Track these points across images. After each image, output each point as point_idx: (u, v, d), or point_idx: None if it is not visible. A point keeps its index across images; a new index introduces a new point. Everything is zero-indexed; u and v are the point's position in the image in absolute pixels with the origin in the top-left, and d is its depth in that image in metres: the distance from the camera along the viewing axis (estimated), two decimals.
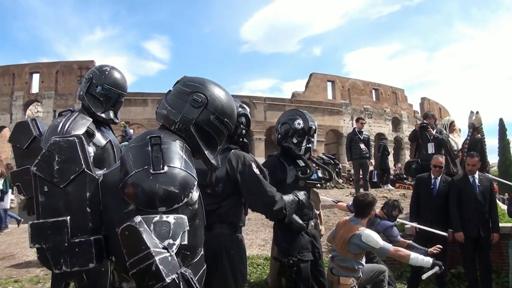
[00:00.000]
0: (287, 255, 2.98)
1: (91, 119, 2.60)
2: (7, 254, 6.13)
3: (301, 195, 2.75)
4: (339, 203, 4.97)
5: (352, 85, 29.70)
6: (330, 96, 28.91)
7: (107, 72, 2.73)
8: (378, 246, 3.43)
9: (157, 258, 1.09)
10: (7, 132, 27.16)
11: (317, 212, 3.87)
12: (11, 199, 9.28)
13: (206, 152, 1.47)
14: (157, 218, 1.17)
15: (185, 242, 1.20)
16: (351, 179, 16.28)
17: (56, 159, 1.26)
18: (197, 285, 1.17)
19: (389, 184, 11.40)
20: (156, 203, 1.19)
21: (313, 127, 3.18)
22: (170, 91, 1.57)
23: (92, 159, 1.54)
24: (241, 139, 2.65)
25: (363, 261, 3.64)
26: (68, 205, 1.25)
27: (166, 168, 1.23)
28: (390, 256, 3.75)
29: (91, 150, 2.44)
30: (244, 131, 2.65)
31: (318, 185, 3.25)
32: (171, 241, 1.16)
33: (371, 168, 11.34)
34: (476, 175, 5.05)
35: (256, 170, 2.43)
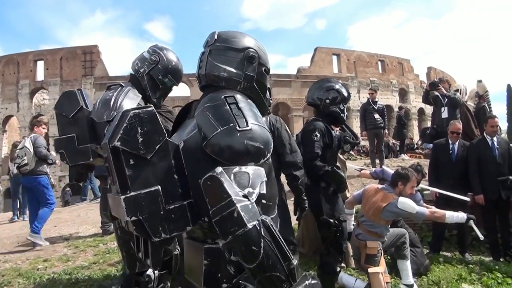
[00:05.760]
0: (331, 216, 3.20)
1: (140, 96, 2.62)
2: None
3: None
4: (362, 171, 5.03)
5: (357, 58, 29.42)
6: (336, 70, 28.73)
7: (174, 63, 2.74)
8: (415, 211, 3.47)
9: (238, 205, 1.17)
10: (14, 121, 27.17)
11: None
12: None
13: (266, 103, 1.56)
14: (236, 169, 1.23)
15: (264, 191, 1.25)
16: (361, 151, 16.36)
17: (139, 131, 1.24)
18: (277, 232, 1.22)
19: (403, 154, 11.48)
20: (246, 159, 1.25)
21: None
22: (205, 52, 1.55)
23: None
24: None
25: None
26: (156, 175, 1.25)
27: (250, 125, 1.28)
28: (427, 219, 3.86)
29: None
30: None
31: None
32: (250, 189, 1.22)
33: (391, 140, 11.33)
34: (495, 138, 5.05)
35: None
